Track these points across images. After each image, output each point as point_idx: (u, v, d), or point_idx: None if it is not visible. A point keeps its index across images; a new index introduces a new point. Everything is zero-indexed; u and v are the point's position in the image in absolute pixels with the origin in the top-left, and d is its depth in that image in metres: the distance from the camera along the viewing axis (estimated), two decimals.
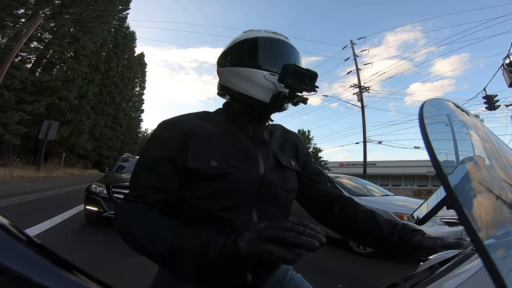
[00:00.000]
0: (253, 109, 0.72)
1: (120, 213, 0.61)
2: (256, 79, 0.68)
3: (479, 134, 0.47)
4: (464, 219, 0.24)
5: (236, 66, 0.72)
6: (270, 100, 0.68)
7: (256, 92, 0.69)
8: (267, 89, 0.68)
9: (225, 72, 0.75)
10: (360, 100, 16.04)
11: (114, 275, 2.53)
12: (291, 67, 0.64)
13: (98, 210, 4.32)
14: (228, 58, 0.75)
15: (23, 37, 12.40)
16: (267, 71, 0.69)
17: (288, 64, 0.65)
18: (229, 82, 0.73)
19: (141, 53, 33.75)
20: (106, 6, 18.57)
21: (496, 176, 0.41)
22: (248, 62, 0.71)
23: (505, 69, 9.63)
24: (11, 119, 14.18)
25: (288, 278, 0.75)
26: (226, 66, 0.75)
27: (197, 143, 0.65)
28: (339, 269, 3.28)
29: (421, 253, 0.64)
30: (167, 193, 0.62)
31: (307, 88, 0.67)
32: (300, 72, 0.65)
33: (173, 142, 0.65)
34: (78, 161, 22.02)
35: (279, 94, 0.67)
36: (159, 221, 0.57)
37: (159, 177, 0.62)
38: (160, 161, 0.63)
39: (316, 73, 0.67)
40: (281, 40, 0.74)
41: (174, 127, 0.67)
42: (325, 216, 0.81)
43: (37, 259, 0.20)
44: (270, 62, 0.71)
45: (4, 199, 5.77)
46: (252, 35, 0.74)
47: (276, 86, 0.68)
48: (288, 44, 0.75)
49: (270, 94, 0.68)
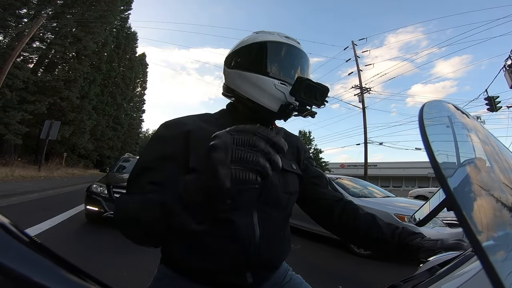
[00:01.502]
0: (258, 114, 0.71)
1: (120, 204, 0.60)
2: (266, 87, 0.67)
3: (479, 136, 0.47)
4: (463, 221, 0.24)
5: (246, 70, 0.70)
6: (279, 109, 0.68)
7: (265, 100, 0.68)
8: (277, 99, 0.67)
9: (233, 75, 0.74)
10: (361, 101, 16.03)
11: (114, 275, 2.54)
12: (304, 82, 0.64)
13: (98, 210, 4.32)
14: (238, 59, 0.73)
15: (25, 37, 12.45)
16: (278, 80, 0.68)
17: (302, 78, 0.65)
18: (237, 85, 0.72)
19: (142, 53, 33.88)
20: (108, 6, 18.63)
21: (496, 178, 0.41)
22: (258, 67, 0.69)
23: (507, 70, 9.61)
24: (13, 119, 14.23)
25: (287, 278, 0.76)
26: (235, 68, 0.73)
27: (199, 143, 0.65)
28: (340, 270, 3.28)
29: (421, 255, 0.64)
30: None
31: (317, 103, 0.67)
32: (313, 86, 0.65)
33: (175, 142, 0.64)
34: (79, 161, 22.07)
35: (289, 106, 0.67)
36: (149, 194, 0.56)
37: (160, 176, 0.61)
38: (162, 160, 0.63)
39: (328, 88, 0.67)
40: (294, 46, 0.72)
41: (176, 127, 0.67)
42: (326, 219, 0.81)
43: (37, 259, 0.20)
44: (281, 70, 0.70)
45: (5, 199, 5.79)
46: (264, 38, 0.71)
47: (286, 97, 0.67)
48: (300, 51, 0.73)
49: (279, 103, 0.67)
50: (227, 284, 0.64)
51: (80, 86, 18.35)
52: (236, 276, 0.64)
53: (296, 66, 0.72)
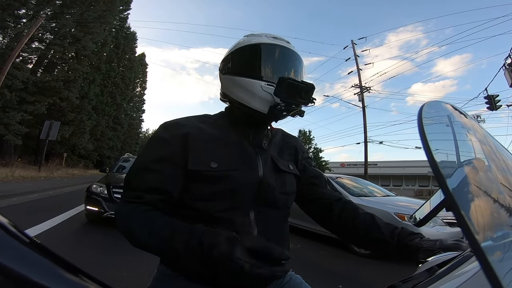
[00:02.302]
0: (252, 118, 0.71)
1: (121, 215, 0.62)
2: (254, 90, 0.67)
3: (478, 136, 0.47)
4: (461, 221, 0.24)
5: (235, 75, 0.71)
6: (268, 111, 0.67)
7: (255, 103, 0.68)
8: (265, 100, 0.67)
9: (226, 80, 0.74)
10: (361, 100, 16.02)
11: (114, 275, 2.54)
12: (286, 80, 0.63)
13: (98, 210, 4.32)
14: (229, 65, 0.74)
15: (24, 38, 12.45)
16: (265, 82, 0.67)
17: (283, 78, 0.64)
18: (230, 90, 0.73)
19: (142, 53, 33.90)
20: (107, 6, 18.61)
21: (494, 178, 0.41)
22: (246, 71, 0.70)
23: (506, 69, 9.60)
24: (12, 119, 14.22)
25: (287, 278, 0.76)
26: (227, 74, 0.74)
27: (198, 145, 0.65)
28: (340, 270, 3.28)
29: (420, 255, 0.64)
30: (168, 194, 0.62)
31: (303, 101, 0.66)
32: (295, 85, 0.64)
33: (173, 143, 0.65)
34: (79, 161, 22.06)
35: (276, 106, 0.66)
36: (157, 220, 0.57)
37: (159, 177, 0.62)
38: (161, 162, 0.63)
39: (312, 85, 0.66)
40: (281, 46, 0.71)
41: (175, 129, 0.67)
42: (325, 218, 0.81)
43: (37, 259, 0.20)
44: (268, 71, 0.69)
45: (6, 199, 5.79)
46: (251, 41, 0.72)
47: (274, 97, 0.66)
48: (288, 50, 0.72)
49: (268, 105, 0.67)
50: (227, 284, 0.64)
51: (80, 86, 18.34)
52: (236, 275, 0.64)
53: (284, 66, 0.71)
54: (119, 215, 0.62)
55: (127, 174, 0.65)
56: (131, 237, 0.59)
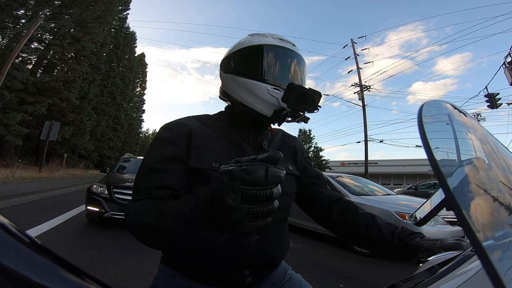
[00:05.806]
0: (253, 119, 0.71)
1: (130, 212, 0.59)
2: (259, 93, 0.67)
3: (478, 135, 0.47)
4: (463, 220, 0.24)
5: (239, 75, 0.70)
6: (272, 114, 0.67)
7: (258, 106, 0.67)
8: (270, 104, 0.67)
9: (228, 79, 0.73)
10: (361, 99, 16.02)
11: (115, 275, 2.54)
12: (295, 88, 0.64)
13: (99, 211, 4.33)
14: (232, 64, 0.73)
15: (23, 38, 12.44)
16: (270, 85, 0.67)
17: (292, 85, 0.64)
18: (231, 90, 0.72)
19: (141, 53, 33.94)
20: (106, 6, 18.58)
21: (495, 177, 0.41)
22: (251, 72, 0.68)
23: (506, 67, 9.60)
24: (12, 120, 14.20)
25: (287, 277, 0.76)
26: (229, 73, 0.73)
27: (200, 143, 0.65)
28: (341, 269, 3.28)
29: (420, 255, 0.64)
30: (177, 189, 0.61)
31: (310, 109, 0.67)
32: (304, 93, 0.64)
33: (177, 142, 0.65)
34: (80, 162, 22.06)
35: (281, 111, 0.66)
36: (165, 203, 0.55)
37: (166, 176, 0.61)
38: (167, 161, 0.63)
39: (320, 93, 0.66)
40: (287, 49, 0.71)
41: (177, 128, 0.67)
42: (325, 218, 0.81)
43: (37, 259, 0.20)
44: (275, 74, 0.69)
45: (6, 200, 5.80)
46: (257, 42, 0.70)
47: (279, 102, 0.66)
48: (294, 54, 0.72)
49: (273, 109, 0.67)
50: (227, 283, 0.65)
51: (80, 86, 18.31)
52: (235, 274, 0.64)
53: (290, 69, 0.71)
54: (128, 212, 0.60)
55: (135, 178, 0.64)
56: (141, 228, 0.55)
